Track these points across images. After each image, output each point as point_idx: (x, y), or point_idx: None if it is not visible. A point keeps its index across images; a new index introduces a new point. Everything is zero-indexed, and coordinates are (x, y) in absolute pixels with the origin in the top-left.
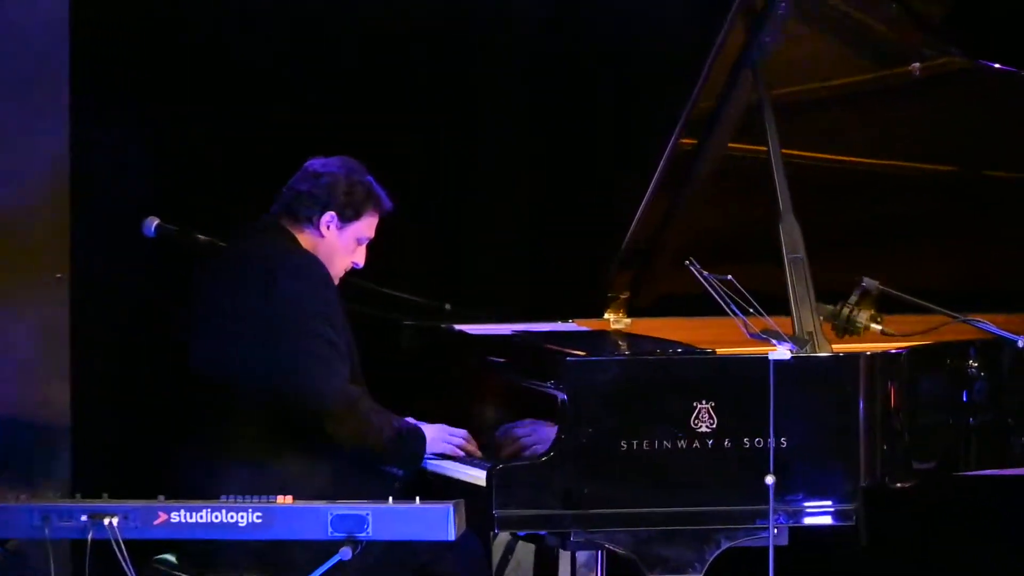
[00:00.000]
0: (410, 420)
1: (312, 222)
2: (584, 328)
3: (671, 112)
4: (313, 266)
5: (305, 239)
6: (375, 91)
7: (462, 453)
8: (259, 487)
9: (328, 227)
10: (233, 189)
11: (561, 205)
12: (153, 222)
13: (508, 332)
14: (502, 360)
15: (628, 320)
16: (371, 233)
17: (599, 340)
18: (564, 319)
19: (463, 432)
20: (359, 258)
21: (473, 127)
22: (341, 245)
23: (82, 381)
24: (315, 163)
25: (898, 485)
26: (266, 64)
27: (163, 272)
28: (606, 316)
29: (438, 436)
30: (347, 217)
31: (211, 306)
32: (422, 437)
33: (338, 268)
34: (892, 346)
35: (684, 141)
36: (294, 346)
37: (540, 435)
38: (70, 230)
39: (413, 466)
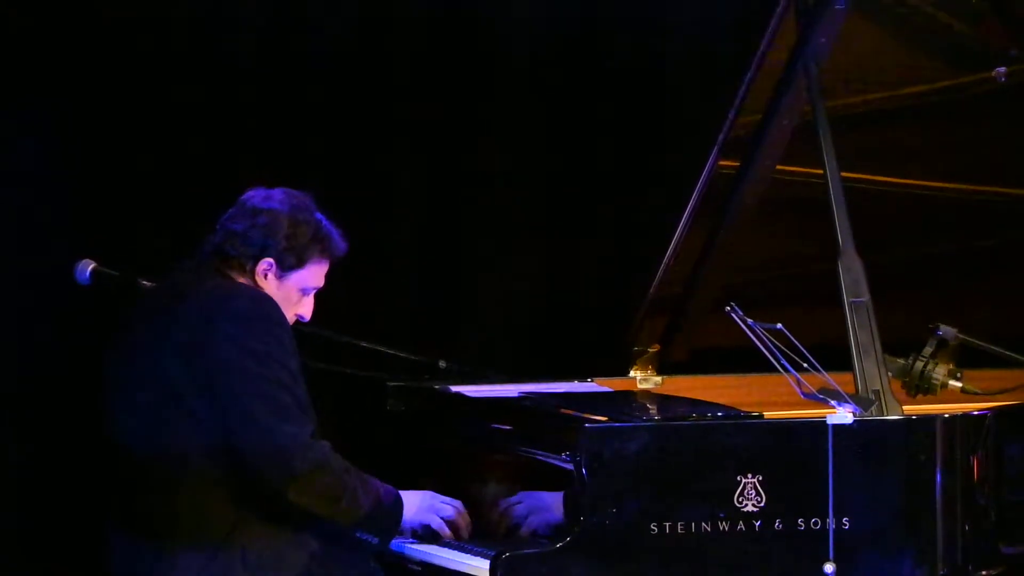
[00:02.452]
0: (381, 483)
1: (246, 269)
2: (606, 388)
3: (708, 128)
4: (259, 303)
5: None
6: (360, 105)
7: (448, 531)
8: (212, 573)
9: (265, 276)
10: (187, 219)
11: (577, 241)
12: (88, 266)
13: (514, 394)
14: (507, 427)
15: (659, 378)
16: (319, 282)
17: (623, 403)
18: (582, 378)
19: (456, 503)
20: (304, 310)
21: (473, 145)
22: (281, 296)
23: (2, 456)
24: (254, 197)
25: (983, 573)
26: (226, 67)
27: (100, 328)
28: (632, 374)
29: (423, 505)
30: (288, 265)
31: (136, 365)
32: (400, 501)
33: None
34: (975, 407)
35: (724, 163)
36: (244, 397)
37: (532, 502)
38: None
39: (390, 536)
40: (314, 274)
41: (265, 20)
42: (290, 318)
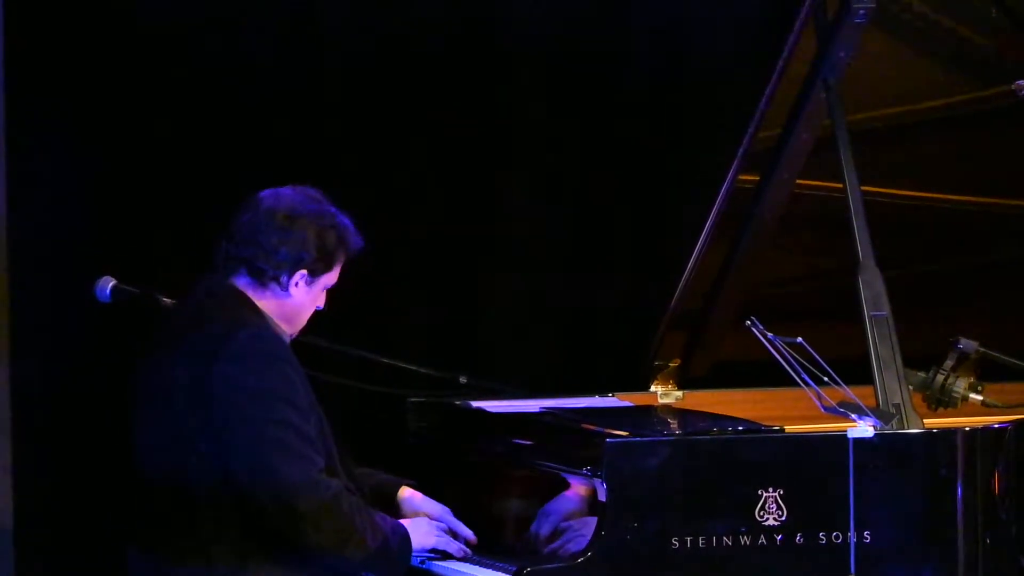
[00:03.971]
0: (389, 519)
1: (280, 282)
2: (627, 403)
3: (728, 143)
4: (261, 340)
5: (264, 299)
6: (380, 119)
7: (456, 547)
8: None
9: (297, 285)
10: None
11: (597, 256)
12: (109, 283)
13: (535, 409)
14: (528, 443)
15: (680, 393)
16: (336, 278)
17: (644, 417)
18: (603, 392)
19: (448, 515)
20: (321, 302)
21: (491, 158)
22: (309, 300)
23: (26, 474)
24: (273, 203)
25: None
26: (243, 82)
27: (120, 345)
28: (653, 388)
29: (424, 530)
30: (318, 272)
31: (150, 391)
32: (408, 540)
33: (303, 322)
34: (996, 420)
35: (744, 178)
36: (245, 438)
37: (555, 519)
38: (8, 296)
39: (398, 575)
40: (336, 273)
41: (283, 35)
42: (310, 314)
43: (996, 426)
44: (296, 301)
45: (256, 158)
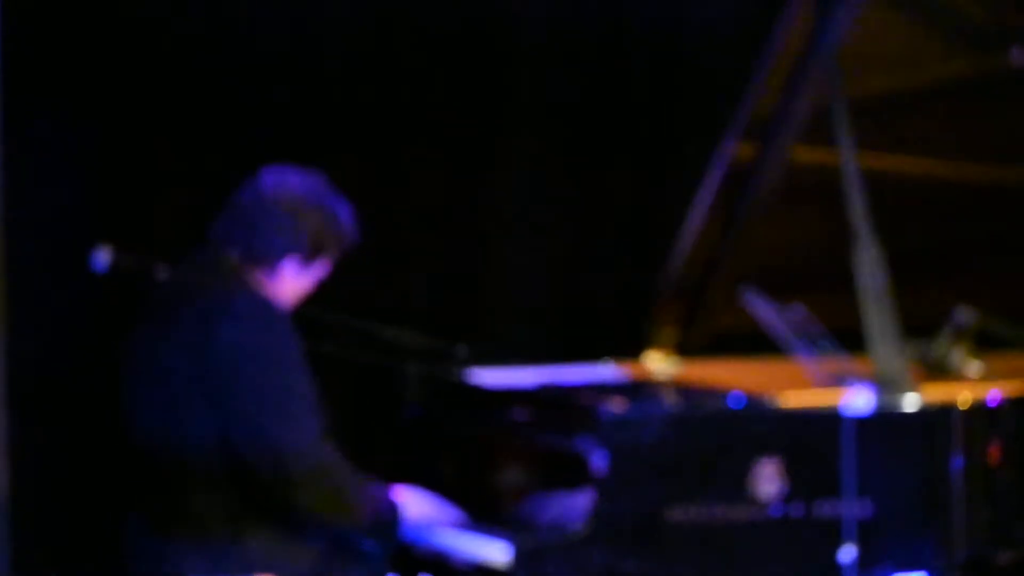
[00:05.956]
0: (383, 488)
1: (271, 264)
2: (624, 373)
3: (726, 112)
4: (261, 305)
5: (254, 277)
6: (377, 95)
7: (450, 520)
8: (221, 568)
9: (287, 269)
10: (203, 210)
11: (595, 224)
12: (105, 253)
13: (532, 380)
14: (525, 414)
15: (677, 362)
16: (329, 267)
17: (641, 389)
18: (600, 361)
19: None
20: (308, 288)
21: (489, 129)
22: (298, 285)
23: (21, 446)
24: (277, 188)
25: (1002, 556)
26: (240, 64)
27: (118, 315)
28: (650, 357)
29: (419, 503)
30: (311, 259)
31: (145, 361)
32: (397, 509)
33: (287, 304)
34: (993, 390)
35: (741, 147)
36: (248, 401)
37: (552, 494)
38: (4, 264)
39: (390, 544)
40: (329, 262)
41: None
42: (296, 299)
43: (993, 396)
44: (284, 284)
45: (255, 132)
